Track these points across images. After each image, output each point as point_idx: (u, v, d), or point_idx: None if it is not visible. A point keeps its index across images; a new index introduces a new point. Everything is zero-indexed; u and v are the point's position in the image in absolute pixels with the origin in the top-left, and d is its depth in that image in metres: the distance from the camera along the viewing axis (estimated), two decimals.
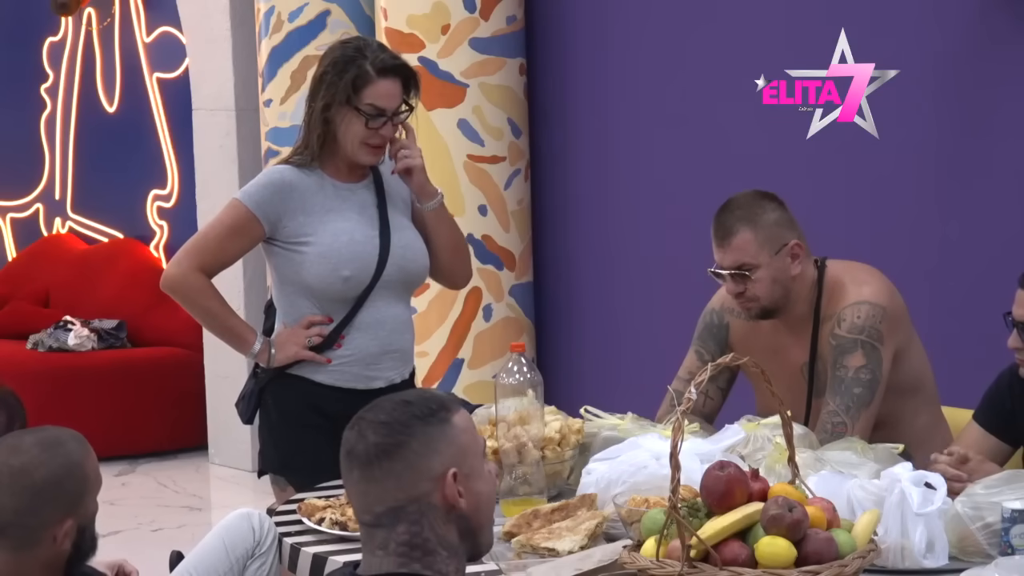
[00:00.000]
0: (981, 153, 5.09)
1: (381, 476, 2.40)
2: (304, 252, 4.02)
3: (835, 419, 3.80)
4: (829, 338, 3.87)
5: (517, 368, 3.59)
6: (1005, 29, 4.97)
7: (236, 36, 7.29)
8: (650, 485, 3.31)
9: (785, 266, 3.89)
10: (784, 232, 3.90)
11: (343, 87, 3.98)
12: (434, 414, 2.44)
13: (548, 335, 6.47)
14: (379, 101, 3.99)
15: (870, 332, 3.83)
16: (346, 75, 3.98)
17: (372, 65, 3.99)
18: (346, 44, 4.09)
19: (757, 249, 3.88)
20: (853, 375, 3.82)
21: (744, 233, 3.88)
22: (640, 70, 6.04)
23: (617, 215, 6.17)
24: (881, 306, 3.85)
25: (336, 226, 4.03)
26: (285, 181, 4.04)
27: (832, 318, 3.89)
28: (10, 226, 9.49)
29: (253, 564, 3.54)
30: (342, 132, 4.02)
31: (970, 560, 3.09)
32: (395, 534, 2.41)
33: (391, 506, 2.40)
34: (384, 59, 4.03)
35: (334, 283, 4.02)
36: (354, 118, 3.99)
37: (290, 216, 4.02)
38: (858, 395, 3.81)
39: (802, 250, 3.90)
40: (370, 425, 2.42)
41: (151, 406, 7.74)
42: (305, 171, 4.05)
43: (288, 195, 4.02)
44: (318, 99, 4.01)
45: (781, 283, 3.89)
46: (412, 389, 4.09)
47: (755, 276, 3.88)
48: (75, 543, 2.90)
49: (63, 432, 2.94)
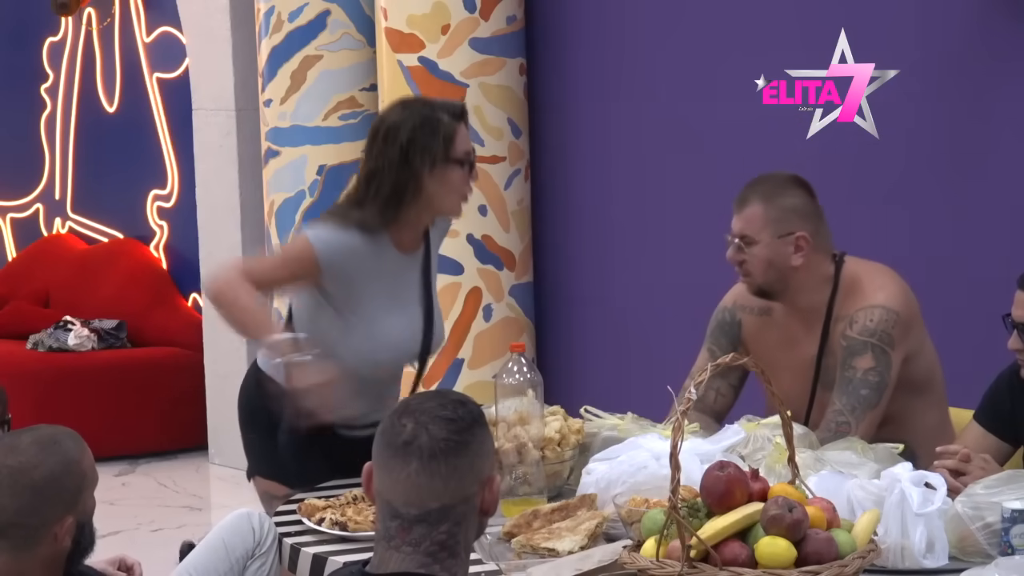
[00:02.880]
0: (981, 153, 5.09)
1: (446, 472, 2.39)
2: (347, 320, 3.93)
3: (840, 418, 3.81)
4: (840, 338, 3.88)
5: (517, 368, 3.60)
6: (1005, 29, 4.97)
7: (236, 36, 7.29)
8: (650, 485, 3.31)
9: (785, 253, 3.90)
10: (796, 221, 3.90)
11: (440, 146, 3.89)
12: (483, 417, 2.47)
13: (548, 335, 6.46)
14: (467, 146, 3.94)
15: (881, 336, 3.83)
16: (438, 134, 3.89)
17: (447, 113, 3.93)
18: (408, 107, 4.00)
19: (761, 225, 3.90)
20: (861, 376, 3.82)
21: (755, 206, 3.91)
22: (640, 70, 6.04)
23: (617, 215, 6.17)
24: (895, 311, 3.86)
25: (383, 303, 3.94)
26: (360, 247, 3.89)
27: (845, 318, 3.89)
28: (10, 226, 9.48)
29: (253, 564, 3.54)
30: (437, 191, 3.91)
31: (970, 560, 3.09)
32: (436, 532, 2.40)
33: (445, 503, 2.40)
34: (451, 107, 3.98)
35: (364, 360, 3.94)
36: (452, 173, 3.91)
37: (348, 283, 3.91)
38: (864, 396, 3.82)
39: (808, 244, 3.90)
40: (433, 420, 2.41)
41: (151, 406, 7.74)
42: (373, 237, 3.92)
43: (358, 262, 3.90)
44: (411, 165, 3.87)
45: (777, 267, 3.90)
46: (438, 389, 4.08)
47: (752, 251, 3.90)
48: (75, 539, 2.92)
49: (58, 430, 2.95)
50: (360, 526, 3.38)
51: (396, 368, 4.10)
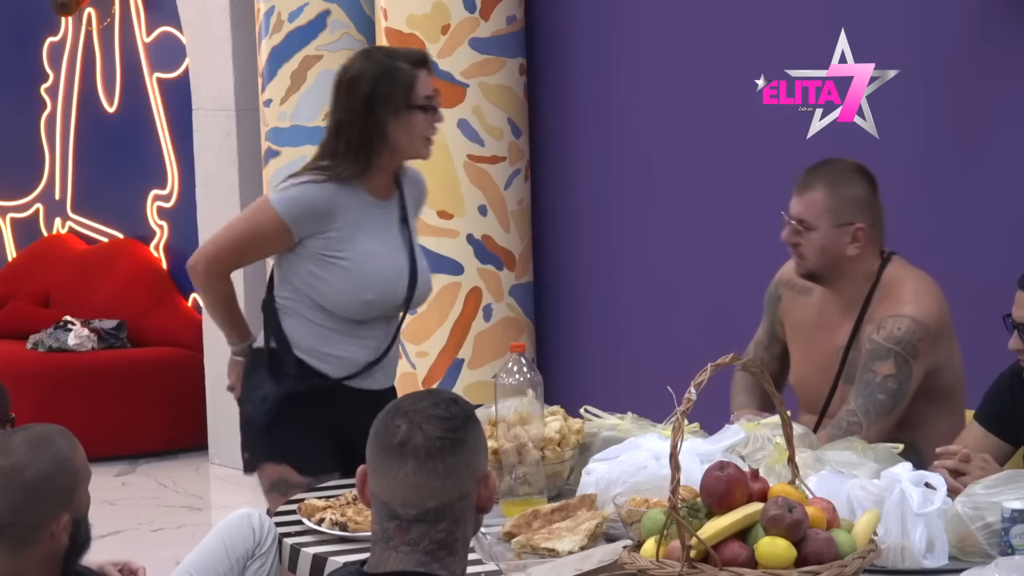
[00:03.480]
0: (981, 153, 5.09)
1: (443, 471, 2.39)
2: (331, 266, 4.01)
3: (852, 419, 3.83)
4: (866, 339, 3.90)
5: (517, 368, 3.60)
6: (1005, 29, 4.97)
7: (236, 36, 7.29)
8: (650, 485, 3.31)
9: (841, 242, 3.92)
10: (856, 211, 3.93)
11: (399, 93, 4.02)
12: (475, 414, 2.48)
13: (548, 335, 6.47)
14: (429, 91, 4.07)
15: (906, 346, 3.84)
16: (398, 81, 4.02)
17: (407, 61, 4.07)
18: (369, 56, 4.14)
19: (822, 212, 3.92)
20: (880, 381, 3.84)
21: (818, 192, 3.93)
22: (640, 70, 6.04)
23: (617, 215, 6.17)
24: (924, 324, 3.87)
25: (367, 247, 4.04)
26: (328, 198, 4.02)
27: (875, 321, 3.90)
28: (10, 226, 9.48)
29: (253, 564, 3.54)
30: (402, 136, 4.04)
31: (970, 560, 3.09)
32: (434, 531, 2.40)
33: (443, 502, 2.40)
34: (410, 54, 4.14)
35: (353, 302, 4.02)
36: (414, 118, 4.03)
37: (323, 233, 4.01)
38: (881, 402, 3.83)
39: (865, 236, 3.93)
40: (426, 419, 2.41)
41: (151, 406, 7.74)
42: (345, 187, 4.04)
43: (328, 211, 4.01)
44: (375, 114, 4.00)
45: (831, 255, 3.93)
46: (429, 389, 4.17)
47: (809, 236, 3.92)
48: (71, 536, 2.92)
49: (49, 428, 2.95)
50: (360, 526, 3.38)
51: (386, 310, 4.12)
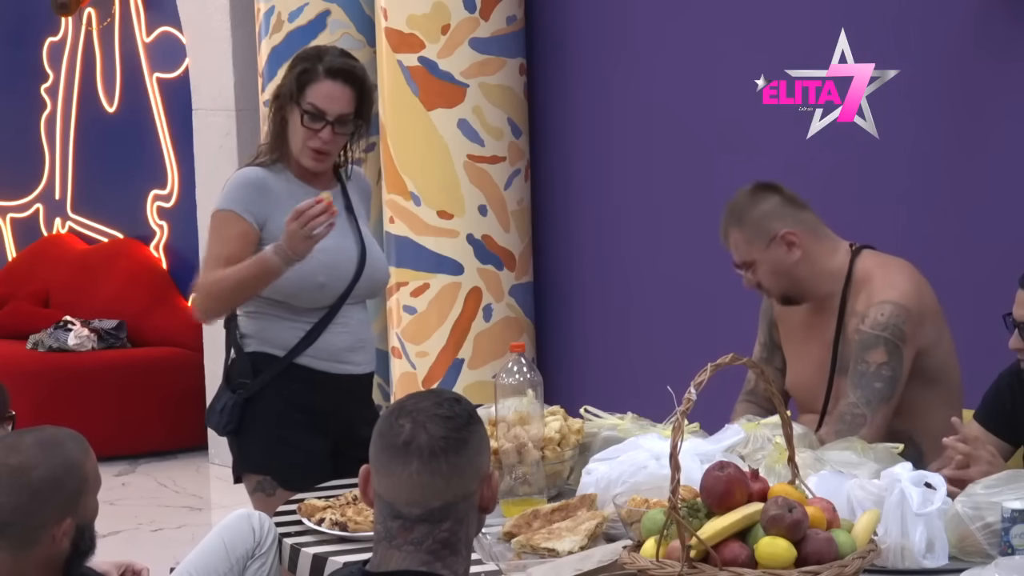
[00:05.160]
0: (981, 153, 5.09)
1: (447, 471, 2.40)
2: None
3: (855, 411, 3.85)
4: (854, 333, 3.92)
5: (517, 368, 3.60)
6: (1005, 29, 4.97)
7: (236, 36, 7.29)
8: (650, 485, 3.31)
9: (780, 256, 3.96)
10: (772, 223, 3.96)
11: (290, 83, 4.02)
12: (477, 413, 2.48)
13: (548, 335, 6.47)
14: (320, 102, 3.99)
15: (893, 330, 3.87)
16: (295, 76, 4.01)
17: (322, 65, 4.02)
18: (310, 47, 4.16)
19: (748, 246, 3.98)
20: (875, 371, 3.86)
21: (734, 234, 4.01)
22: (640, 70, 6.04)
23: (617, 215, 6.17)
24: (905, 307, 3.89)
25: None
26: (260, 179, 4.04)
27: (858, 314, 3.93)
28: (10, 226, 9.48)
29: (253, 564, 3.54)
30: (291, 131, 4.05)
31: (970, 560, 3.09)
32: (438, 530, 2.41)
33: (447, 501, 2.40)
34: (335, 62, 4.04)
35: (307, 288, 4.03)
36: (295, 117, 4.02)
37: (271, 214, 4.02)
38: (878, 390, 3.86)
39: (797, 236, 3.96)
40: (430, 418, 2.41)
41: (151, 406, 7.74)
42: (272, 171, 4.05)
43: (266, 192, 4.03)
44: (278, 98, 4.05)
45: (782, 273, 3.97)
46: (431, 388, 4.16)
47: (757, 272, 3.98)
48: (74, 542, 2.90)
49: (62, 432, 2.95)
50: (360, 526, 3.38)
51: (334, 293, 4.09)
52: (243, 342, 4.12)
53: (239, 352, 4.13)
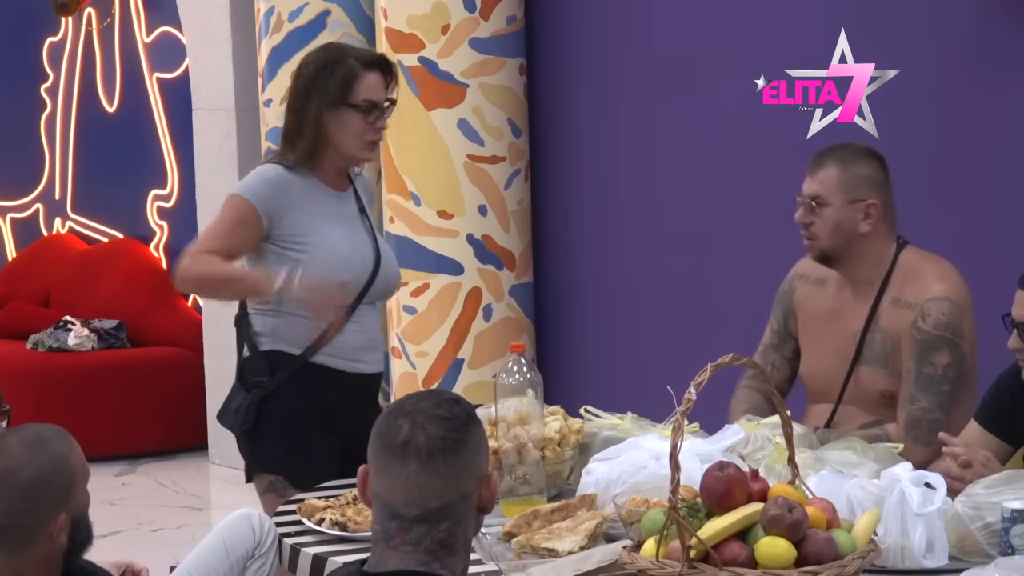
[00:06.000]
0: (981, 153, 5.09)
1: (445, 471, 2.40)
2: (300, 254, 4.03)
3: (930, 416, 3.87)
4: (912, 329, 3.91)
5: (517, 368, 3.60)
6: (1005, 29, 4.97)
7: (236, 36, 7.29)
8: (650, 485, 3.31)
9: (855, 218, 3.97)
10: (868, 189, 3.98)
11: (329, 88, 4.04)
12: (476, 414, 2.48)
13: (548, 335, 6.46)
14: (370, 94, 4.07)
15: (954, 330, 3.90)
16: (335, 75, 4.04)
17: (357, 61, 4.08)
18: (327, 48, 4.20)
19: (835, 188, 3.98)
20: (942, 374, 3.88)
21: (831, 170, 3.99)
22: (640, 70, 6.04)
23: (617, 215, 6.17)
24: (960, 304, 3.93)
25: (332, 232, 4.08)
26: (283, 178, 4.08)
27: (914, 308, 3.93)
28: (10, 226, 9.48)
29: (253, 564, 3.55)
30: (337, 133, 4.07)
31: (970, 560, 3.09)
32: (436, 531, 2.41)
33: (445, 502, 2.41)
34: (364, 54, 4.14)
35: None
36: (349, 116, 4.05)
37: (286, 214, 4.05)
38: (947, 392, 3.88)
39: (878, 213, 3.98)
40: (429, 419, 2.41)
41: (151, 406, 7.74)
42: (296, 173, 4.08)
43: (286, 192, 4.06)
44: (310, 104, 4.05)
45: (844, 232, 3.97)
46: (430, 389, 4.18)
47: (823, 213, 3.97)
48: (70, 535, 2.91)
49: (44, 428, 2.95)
50: (360, 526, 3.38)
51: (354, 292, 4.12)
52: (257, 340, 4.12)
53: (253, 350, 4.12)
